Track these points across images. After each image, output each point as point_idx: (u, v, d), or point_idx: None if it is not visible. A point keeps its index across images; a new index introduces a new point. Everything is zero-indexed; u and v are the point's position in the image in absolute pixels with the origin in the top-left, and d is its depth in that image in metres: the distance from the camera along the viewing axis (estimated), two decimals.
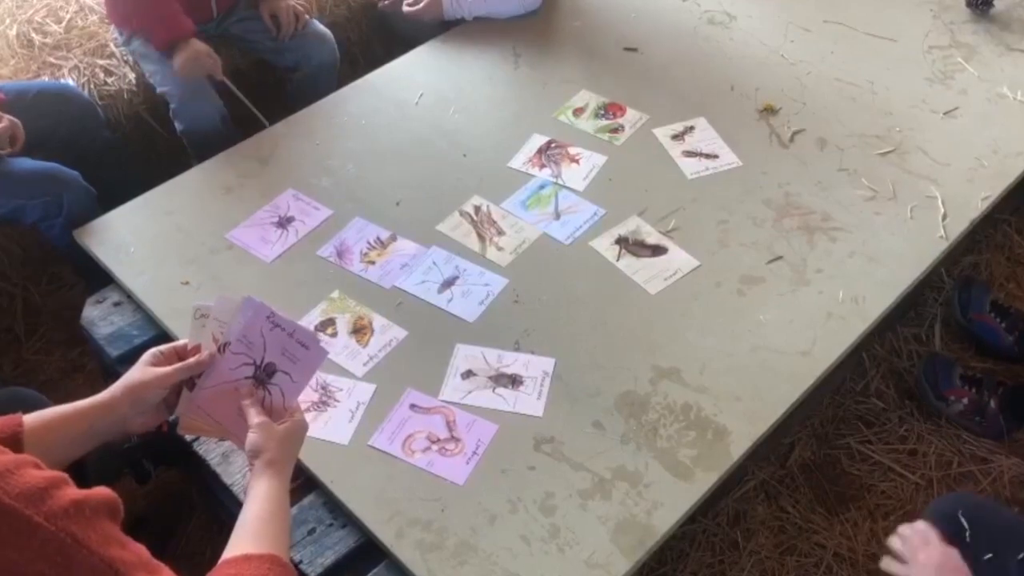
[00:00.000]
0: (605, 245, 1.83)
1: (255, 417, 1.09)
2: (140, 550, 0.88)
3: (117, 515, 0.89)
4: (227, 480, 1.48)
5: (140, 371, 1.11)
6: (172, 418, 1.55)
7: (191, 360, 1.13)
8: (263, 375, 1.13)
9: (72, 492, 0.85)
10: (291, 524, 1.10)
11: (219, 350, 1.14)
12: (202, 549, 1.81)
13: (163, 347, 1.15)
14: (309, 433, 1.17)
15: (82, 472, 1.44)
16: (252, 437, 1.07)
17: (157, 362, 1.12)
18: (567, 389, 1.58)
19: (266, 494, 1.03)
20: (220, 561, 0.96)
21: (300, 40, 2.35)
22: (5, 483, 0.80)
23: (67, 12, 2.40)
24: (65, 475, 0.87)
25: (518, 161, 2.02)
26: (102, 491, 0.88)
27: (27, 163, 1.91)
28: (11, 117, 1.83)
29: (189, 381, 1.15)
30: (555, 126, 2.11)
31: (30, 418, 1.05)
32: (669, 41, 2.37)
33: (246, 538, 0.98)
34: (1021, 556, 1.24)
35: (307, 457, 1.42)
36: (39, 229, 1.95)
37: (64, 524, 0.81)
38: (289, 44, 2.34)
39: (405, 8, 2.42)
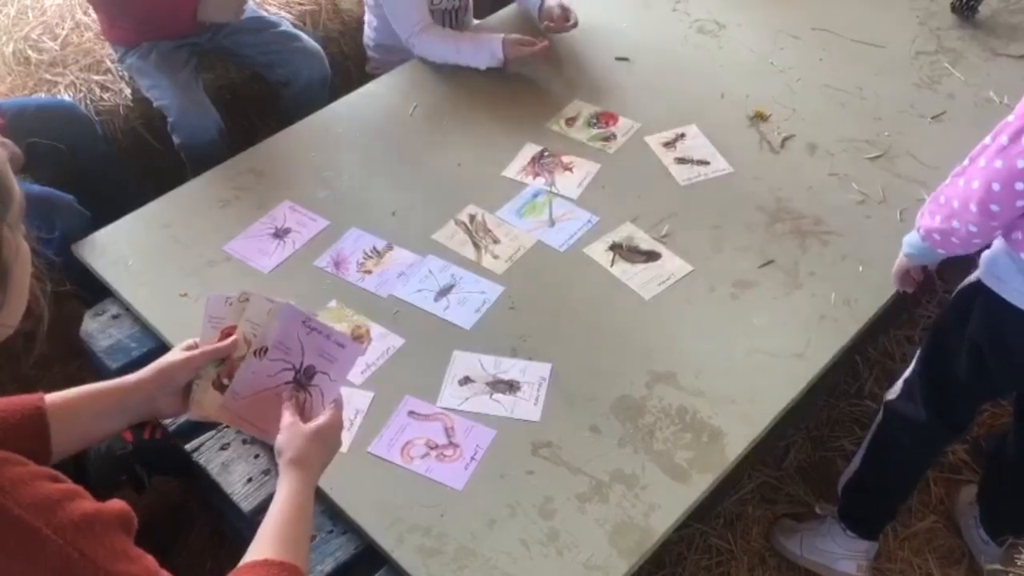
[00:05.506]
0: (599, 252, 1.84)
1: (286, 419, 1.11)
2: (149, 562, 0.88)
3: (130, 528, 0.90)
4: (227, 490, 1.49)
5: (172, 354, 1.16)
6: (173, 428, 1.57)
7: (218, 344, 1.17)
8: (303, 378, 1.15)
9: (85, 505, 0.85)
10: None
11: (254, 353, 1.16)
12: (202, 560, 1.82)
13: (198, 338, 1.20)
14: None
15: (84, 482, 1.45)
16: (278, 438, 1.09)
17: (189, 348, 1.17)
18: (564, 394, 1.59)
19: (287, 495, 1.03)
20: (240, 563, 0.97)
21: (290, 56, 2.36)
22: (18, 493, 0.81)
23: (63, 29, 2.42)
24: (81, 488, 0.87)
25: (512, 170, 2.04)
26: (115, 504, 0.89)
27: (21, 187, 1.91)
28: (8, 141, 1.82)
29: (217, 381, 1.18)
30: (548, 135, 2.13)
31: (52, 395, 1.06)
32: (660, 50, 2.40)
33: (266, 542, 0.99)
34: None
35: None
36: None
37: (72, 538, 0.81)
38: (280, 59, 2.35)
39: None
